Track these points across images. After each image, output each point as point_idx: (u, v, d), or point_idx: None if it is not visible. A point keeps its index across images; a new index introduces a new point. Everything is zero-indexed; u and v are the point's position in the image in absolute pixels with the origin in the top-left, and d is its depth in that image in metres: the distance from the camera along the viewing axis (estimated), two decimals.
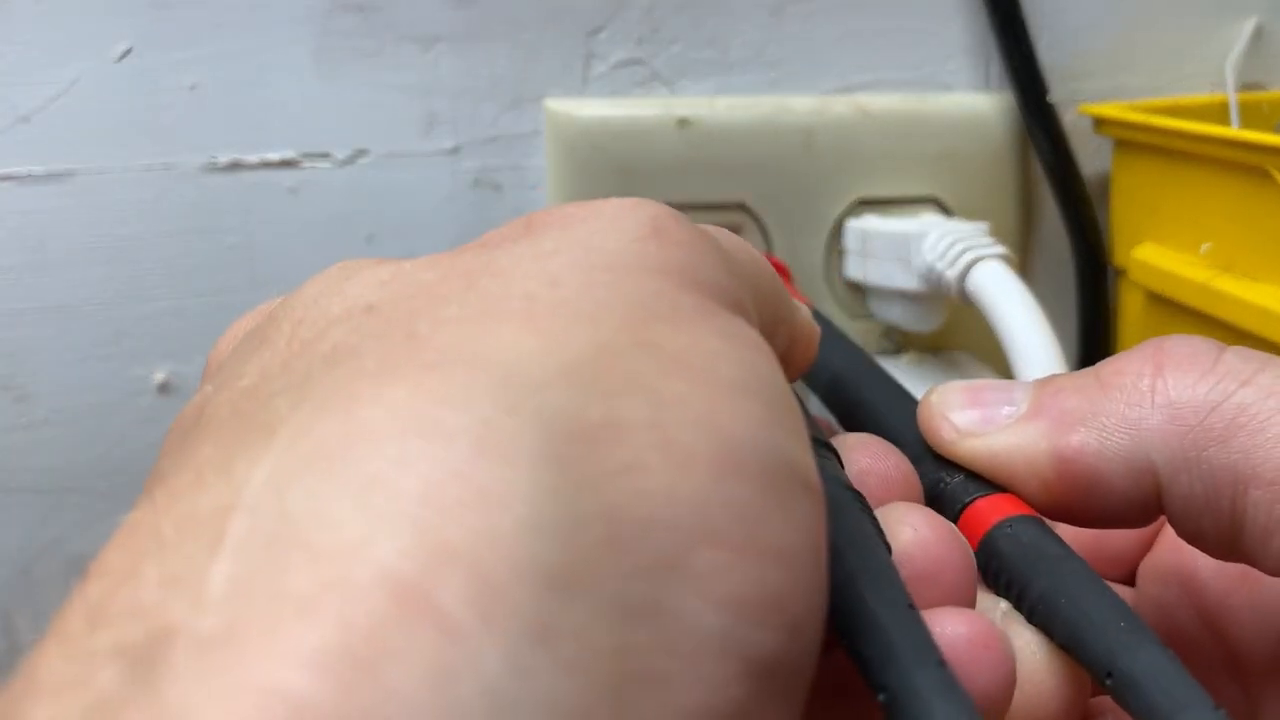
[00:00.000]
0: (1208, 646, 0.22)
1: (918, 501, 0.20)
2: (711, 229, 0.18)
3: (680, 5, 0.42)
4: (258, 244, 0.41)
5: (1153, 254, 0.41)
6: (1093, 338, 0.45)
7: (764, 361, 0.15)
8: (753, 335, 0.16)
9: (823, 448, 0.20)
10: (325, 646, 0.11)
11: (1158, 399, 0.19)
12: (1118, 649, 0.17)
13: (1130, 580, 0.24)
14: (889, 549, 0.17)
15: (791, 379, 0.21)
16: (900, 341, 0.44)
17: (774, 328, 0.19)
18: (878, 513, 0.18)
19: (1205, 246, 0.39)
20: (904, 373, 0.42)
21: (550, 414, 0.13)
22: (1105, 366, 0.20)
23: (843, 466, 0.20)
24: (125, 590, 0.12)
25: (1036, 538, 0.19)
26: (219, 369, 0.17)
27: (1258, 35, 0.46)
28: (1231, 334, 0.37)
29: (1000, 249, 0.37)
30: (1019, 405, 0.20)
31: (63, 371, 0.41)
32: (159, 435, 0.45)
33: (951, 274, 0.37)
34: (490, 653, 0.11)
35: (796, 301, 0.21)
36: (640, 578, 0.12)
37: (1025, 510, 0.20)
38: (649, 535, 0.13)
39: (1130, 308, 0.44)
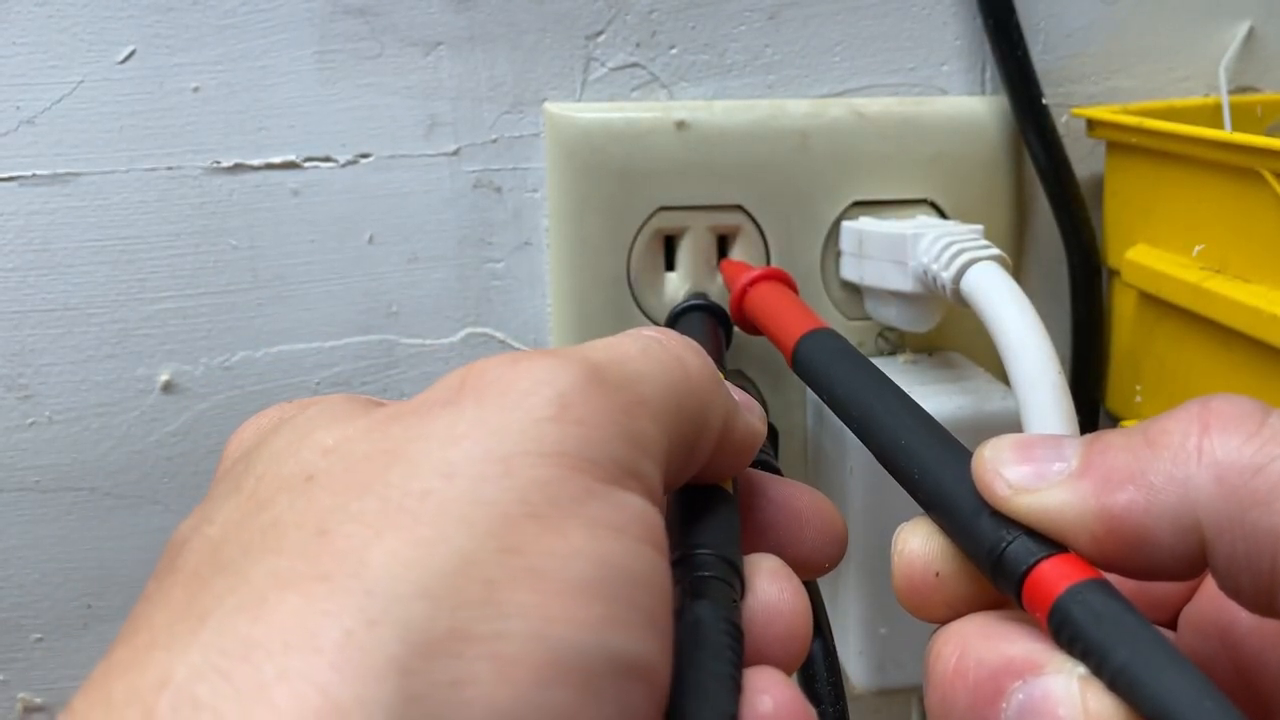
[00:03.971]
0: (1242, 700, 0.23)
1: (802, 651, 0.22)
2: (649, 335, 0.21)
3: (678, 9, 0.42)
4: (261, 245, 0.41)
5: (1146, 255, 0.42)
6: (1086, 338, 0.45)
7: (623, 550, 0.18)
8: (625, 515, 0.18)
9: (725, 575, 0.21)
10: None
11: (1204, 459, 0.19)
12: None
13: (1172, 625, 0.25)
14: (737, 693, 0.19)
15: (724, 477, 0.24)
16: (896, 342, 0.44)
17: (697, 438, 0.21)
18: (747, 672, 0.20)
19: (1198, 248, 0.39)
20: (900, 373, 0.42)
21: (404, 627, 0.15)
22: (1152, 425, 0.21)
23: (743, 593, 0.21)
24: None
25: (1109, 605, 0.19)
26: (212, 490, 0.20)
27: (1250, 38, 0.46)
28: (1223, 335, 0.38)
29: (995, 251, 0.37)
30: (1069, 461, 0.21)
31: (67, 371, 0.41)
32: (163, 434, 0.45)
33: (946, 275, 0.37)
34: None
35: (739, 404, 0.23)
36: None
37: (1091, 573, 0.20)
38: None
39: (1123, 309, 0.44)
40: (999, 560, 0.21)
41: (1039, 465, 0.21)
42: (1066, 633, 0.20)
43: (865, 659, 0.41)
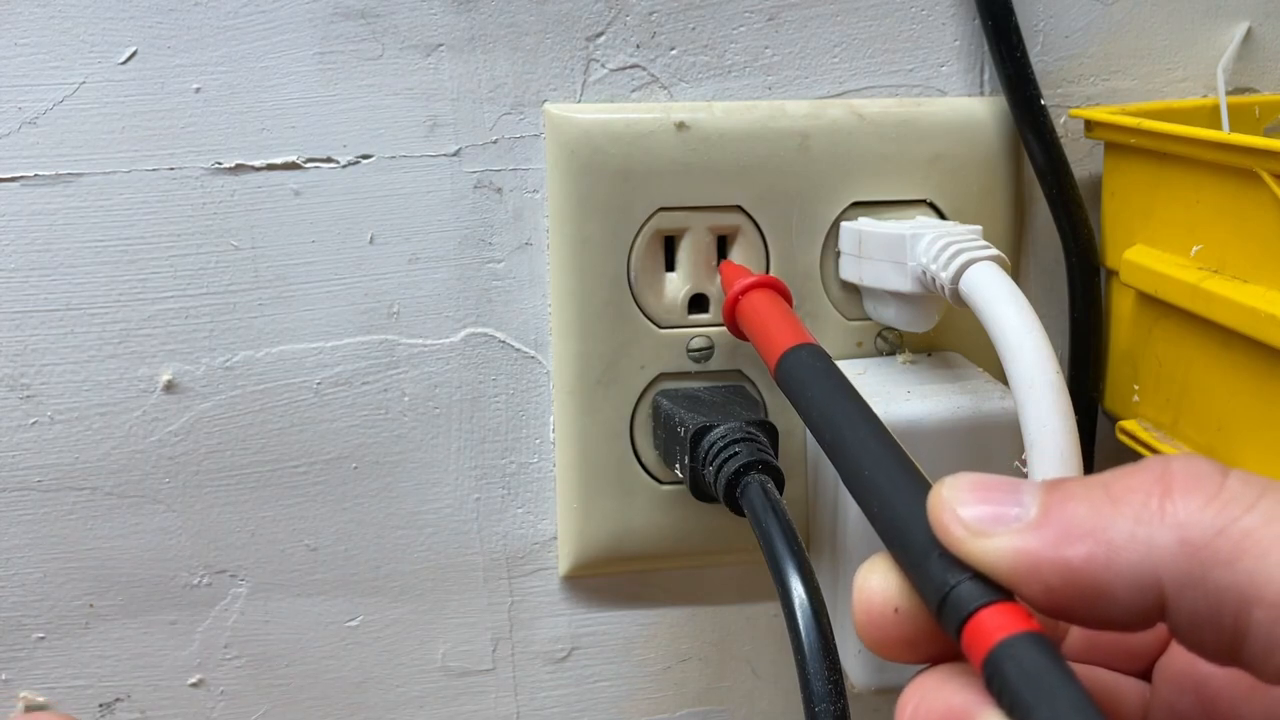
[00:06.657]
0: None
1: None
2: None
3: (678, 11, 0.43)
4: (262, 245, 0.42)
5: (1144, 256, 0.42)
6: (1084, 338, 0.45)
7: None
8: None
9: None
10: None
11: (1167, 519, 0.20)
12: None
13: (1146, 676, 0.25)
14: None
15: None
16: (895, 342, 0.44)
17: None
18: None
19: (1196, 248, 0.39)
20: (899, 373, 0.42)
21: None
22: (1115, 482, 0.21)
23: None
24: None
25: (1039, 661, 0.20)
26: None
27: (1248, 39, 0.47)
28: (1221, 335, 0.38)
29: (993, 251, 0.37)
30: (1028, 508, 0.21)
31: (69, 371, 0.41)
32: (164, 434, 0.46)
33: (945, 276, 0.37)
34: None
35: None
36: None
37: (1028, 625, 0.20)
38: None
39: (1121, 309, 0.44)
40: (943, 602, 0.21)
41: (997, 508, 0.21)
42: (996, 684, 0.20)
43: (865, 659, 0.41)
